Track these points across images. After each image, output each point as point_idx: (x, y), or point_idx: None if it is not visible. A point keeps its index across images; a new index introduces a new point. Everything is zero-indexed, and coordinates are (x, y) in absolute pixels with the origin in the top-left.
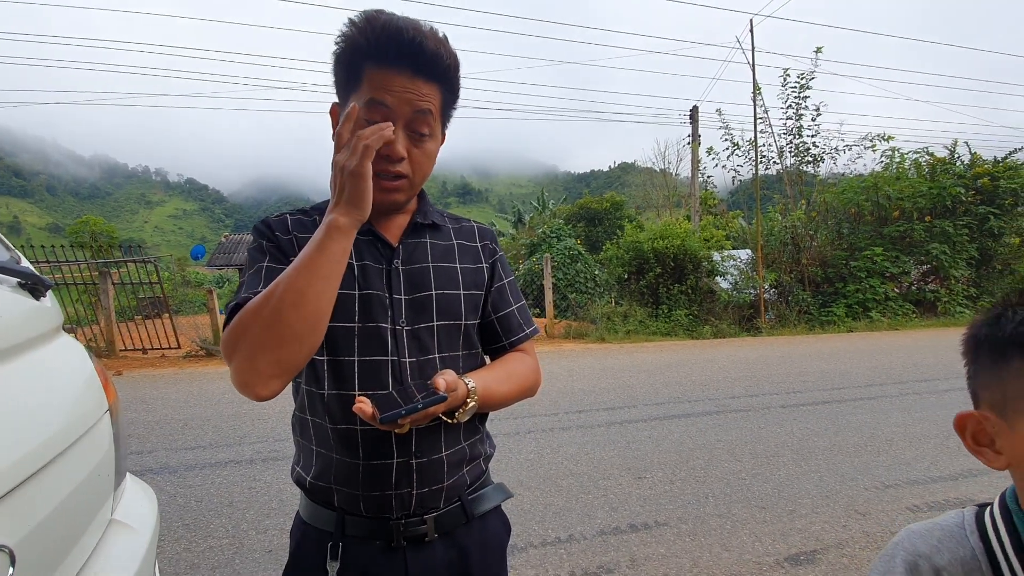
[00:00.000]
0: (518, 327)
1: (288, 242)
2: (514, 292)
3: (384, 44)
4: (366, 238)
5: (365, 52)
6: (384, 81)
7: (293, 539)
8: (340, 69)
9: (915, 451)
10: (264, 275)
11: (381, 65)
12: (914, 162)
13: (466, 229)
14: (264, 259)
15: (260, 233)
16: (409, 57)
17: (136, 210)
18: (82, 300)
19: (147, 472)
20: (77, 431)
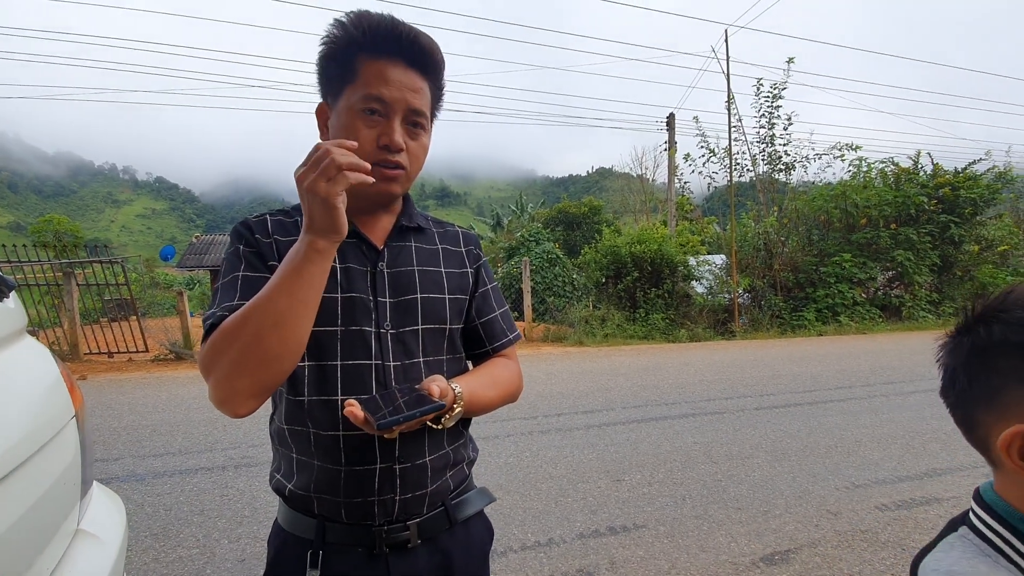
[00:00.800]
0: (501, 332)
1: (268, 245)
2: (497, 298)
3: (381, 36)
4: (350, 240)
5: (360, 44)
6: (382, 72)
7: (271, 547)
8: (332, 64)
9: (882, 452)
10: (240, 286)
11: (377, 56)
12: (880, 172)
13: (451, 234)
14: (240, 267)
15: (238, 236)
16: (406, 49)
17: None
18: (45, 302)
19: (113, 480)
20: (42, 438)
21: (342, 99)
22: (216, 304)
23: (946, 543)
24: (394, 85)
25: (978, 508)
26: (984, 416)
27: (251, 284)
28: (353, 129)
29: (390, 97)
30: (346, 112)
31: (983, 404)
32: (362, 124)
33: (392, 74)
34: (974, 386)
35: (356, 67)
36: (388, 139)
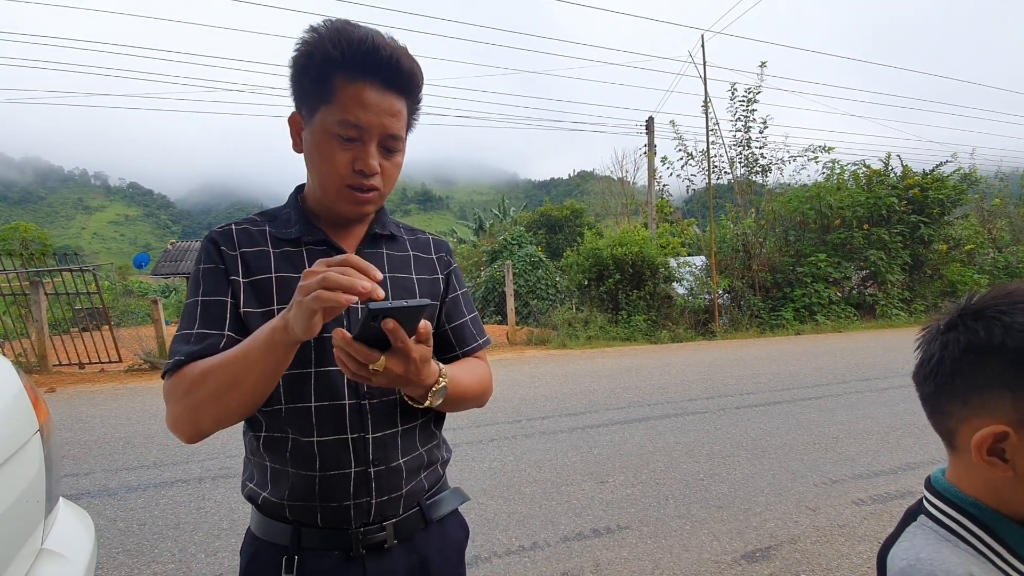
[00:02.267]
0: (472, 337)
1: (232, 259)
2: (467, 303)
3: (361, 59)
4: (320, 248)
5: (339, 64)
6: (359, 96)
7: (244, 556)
8: (306, 79)
9: (859, 447)
10: (200, 313)
11: (355, 78)
12: (852, 173)
13: (421, 241)
14: (199, 290)
15: (202, 252)
16: (385, 72)
17: (73, 216)
18: (10, 312)
19: (84, 495)
20: (2, 454)
21: (317, 117)
22: (180, 330)
23: (908, 533)
24: (371, 110)
25: (932, 496)
26: (959, 409)
27: (208, 310)
28: (328, 152)
29: (367, 123)
30: (321, 132)
31: (961, 398)
32: (338, 147)
33: (370, 98)
34: (957, 379)
35: (333, 87)
36: (363, 164)
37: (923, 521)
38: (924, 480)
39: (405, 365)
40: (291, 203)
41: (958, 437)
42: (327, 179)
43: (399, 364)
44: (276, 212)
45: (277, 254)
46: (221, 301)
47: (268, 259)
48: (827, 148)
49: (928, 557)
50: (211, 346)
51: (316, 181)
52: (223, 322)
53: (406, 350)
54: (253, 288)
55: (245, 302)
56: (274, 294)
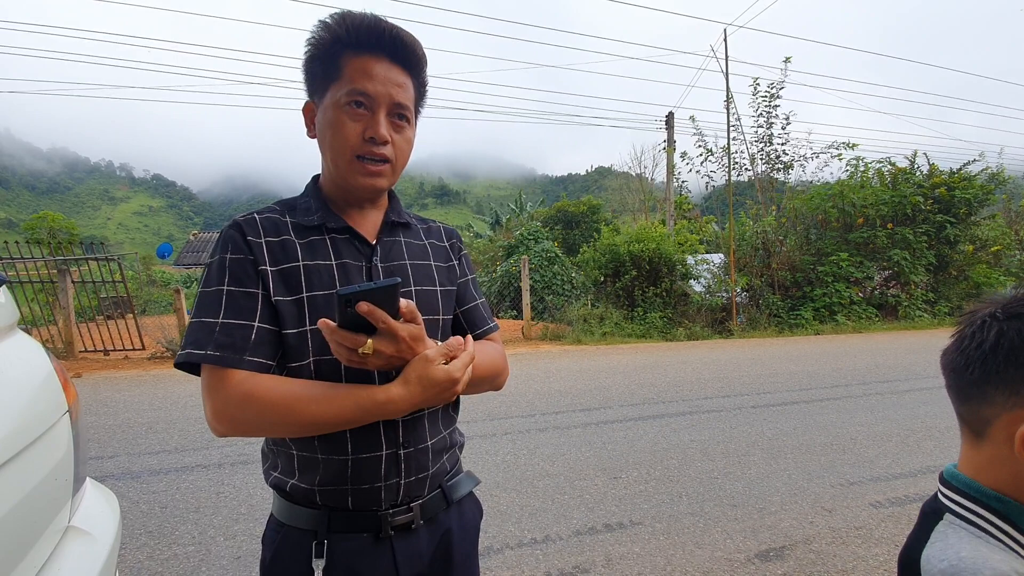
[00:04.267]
0: (482, 320)
1: (259, 247)
2: (476, 288)
3: (365, 33)
4: (343, 236)
5: (345, 42)
6: (366, 67)
7: (270, 546)
8: (316, 64)
9: (878, 449)
10: (225, 303)
11: (361, 53)
12: (877, 171)
13: (434, 230)
14: (224, 279)
15: (226, 242)
16: (389, 46)
17: (98, 206)
18: (38, 299)
19: (108, 478)
20: (32, 433)
21: (327, 96)
22: (199, 316)
23: (939, 533)
24: (378, 80)
25: (949, 491)
26: (1005, 399)
27: (235, 302)
28: (339, 124)
29: (374, 91)
30: (332, 108)
31: (1011, 388)
32: (347, 118)
33: (376, 69)
34: (1011, 369)
35: (340, 64)
36: (374, 131)
37: (950, 520)
38: (938, 475)
39: (395, 345)
40: (309, 191)
41: (992, 426)
42: (339, 151)
43: (388, 345)
44: (294, 202)
45: (302, 244)
46: (251, 293)
47: (294, 248)
48: (851, 145)
49: (970, 556)
50: (243, 339)
51: (329, 158)
52: (253, 313)
53: (391, 330)
54: (282, 276)
55: (275, 291)
56: (303, 282)
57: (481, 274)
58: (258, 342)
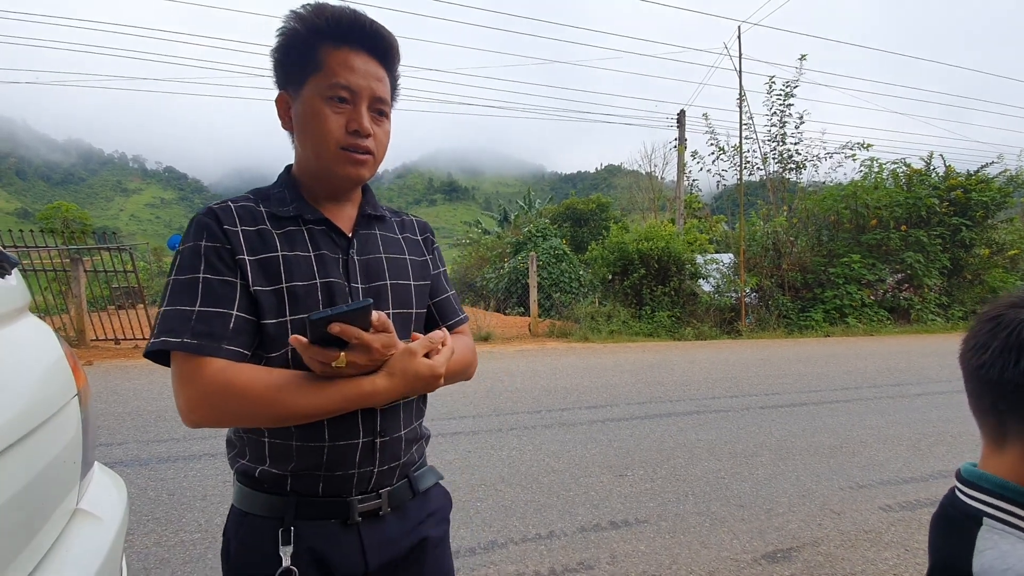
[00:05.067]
0: (453, 312)
1: (235, 235)
2: (448, 281)
3: (346, 26)
4: (320, 228)
5: (325, 33)
6: (347, 61)
7: (235, 537)
8: (293, 54)
9: (888, 452)
10: (202, 291)
11: (341, 45)
12: (892, 172)
13: (408, 223)
14: (200, 266)
15: (201, 228)
16: (369, 40)
17: (112, 197)
18: (51, 288)
19: (117, 464)
20: (42, 414)
21: (306, 88)
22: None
23: (986, 540)
24: (359, 74)
25: (980, 494)
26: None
27: (212, 290)
28: (322, 117)
29: (357, 85)
30: (313, 101)
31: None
32: (330, 111)
33: (357, 63)
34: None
35: (320, 57)
36: (357, 124)
37: (992, 524)
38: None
39: (368, 356)
40: (282, 181)
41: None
42: (322, 144)
43: (362, 356)
44: (267, 191)
45: (280, 234)
46: (228, 281)
47: (272, 238)
48: (866, 145)
49: None
50: (221, 327)
51: (310, 150)
52: (231, 302)
53: (364, 343)
54: (261, 266)
55: (254, 280)
56: (282, 273)
57: (488, 270)
58: (236, 330)
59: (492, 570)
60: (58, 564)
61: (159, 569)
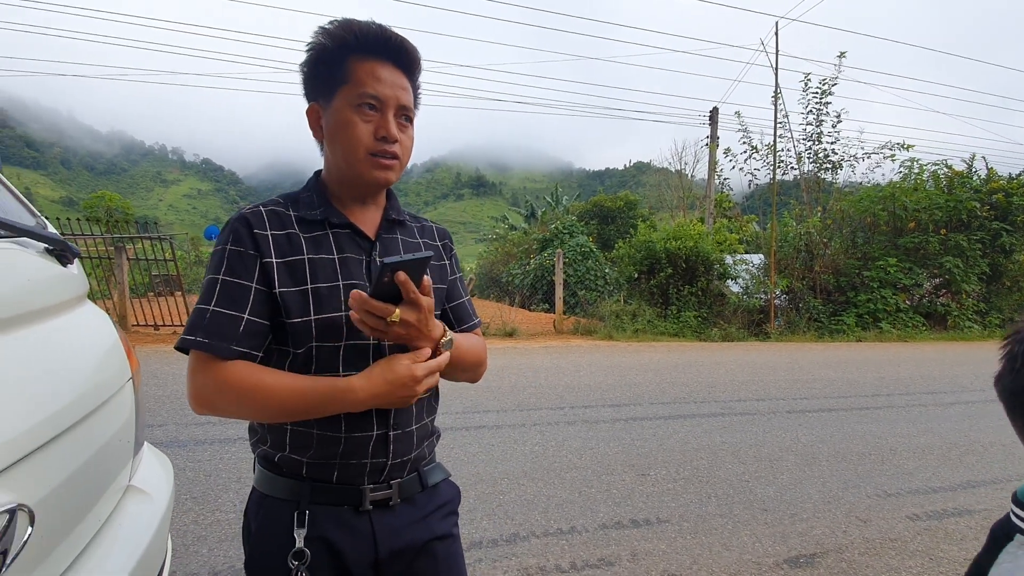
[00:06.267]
0: (467, 316)
1: (264, 238)
2: (463, 286)
3: (372, 40)
4: (345, 231)
5: (352, 47)
6: (375, 72)
7: (255, 517)
8: (322, 67)
9: (918, 461)
10: (218, 292)
11: (368, 58)
12: (932, 174)
13: (427, 229)
14: (221, 269)
15: (229, 233)
16: (395, 52)
17: (151, 188)
18: (95, 274)
19: (158, 445)
20: (100, 396)
21: (337, 99)
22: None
23: (1009, 554)
24: (386, 84)
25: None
26: None
27: (228, 292)
28: (351, 125)
29: (384, 94)
30: (343, 110)
31: None
32: (359, 120)
33: (383, 74)
34: None
35: (349, 69)
36: (385, 131)
37: (1021, 540)
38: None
39: (417, 314)
40: (311, 187)
41: None
42: (352, 151)
43: (412, 313)
44: (296, 195)
45: (307, 238)
46: (243, 285)
47: (299, 241)
48: (905, 146)
49: None
50: (231, 328)
51: (340, 156)
52: (243, 306)
53: (417, 300)
54: (288, 268)
55: (280, 282)
56: (307, 274)
57: (514, 266)
58: (246, 333)
59: (514, 562)
60: (112, 537)
61: (196, 546)
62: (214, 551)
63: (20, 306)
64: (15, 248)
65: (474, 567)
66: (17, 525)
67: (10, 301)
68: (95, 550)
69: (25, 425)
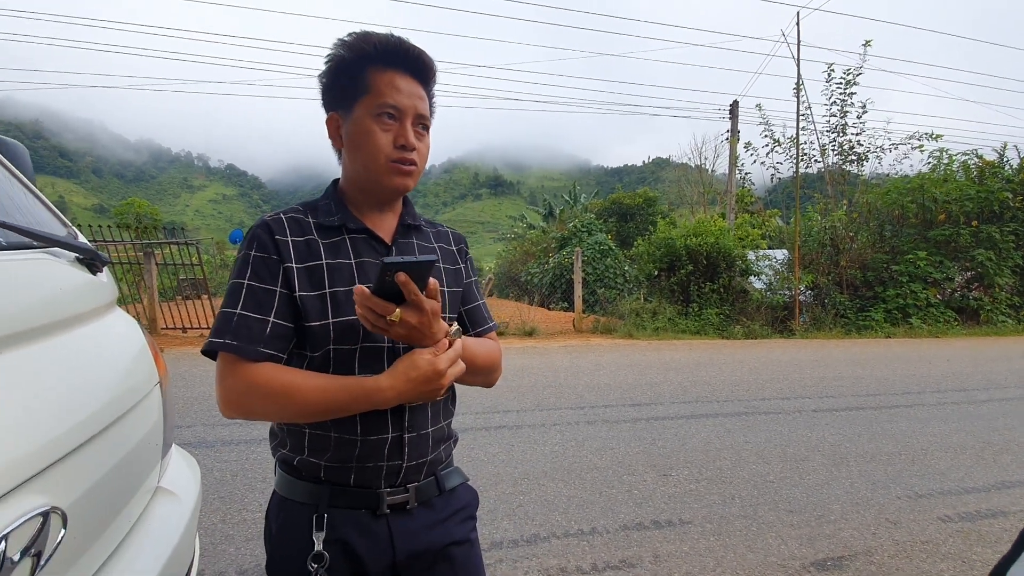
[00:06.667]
0: (483, 320)
1: (285, 244)
2: (479, 290)
3: (392, 51)
4: (362, 236)
5: (371, 58)
6: (393, 83)
7: (275, 520)
8: (342, 78)
9: (950, 461)
10: (244, 296)
11: (387, 69)
12: (962, 164)
13: (443, 234)
14: (246, 274)
15: (253, 239)
16: (412, 63)
17: (178, 194)
18: (126, 279)
19: (185, 446)
20: (130, 401)
21: (357, 109)
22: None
23: None
24: (405, 94)
25: None
26: None
27: (254, 296)
28: (372, 134)
29: (402, 104)
30: (363, 120)
31: None
32: (379, 129)
33: (402, 84)
34: None
35: (369, 80)
36: (404, 139)
37: None
38: None
39: (419, 316)
40: (329, 194)
41: None
42: (373, 159)
43: (413, 315)
44: (315, 203)
45: (325, 243)
46: (269, 289)
47: (318, 247)
48: (934, 136)
49: None
50: (258, 331)
51: (360, 164)
52: (269, 309)
53: (419, 302)
54: (307, 273)
55: (300, 286)
56: (326, 279)
57: (533, 265)
58: (272, 335)
59: (534, 563)
60: (142, 537)
61: (224, 544)
62: (241, 550)
63: (52, 314)
64: (48, 258)
65: (494, 568)
66: (51, 527)
67: (43, 310)
68: (125, 551)
69: (58, 430)
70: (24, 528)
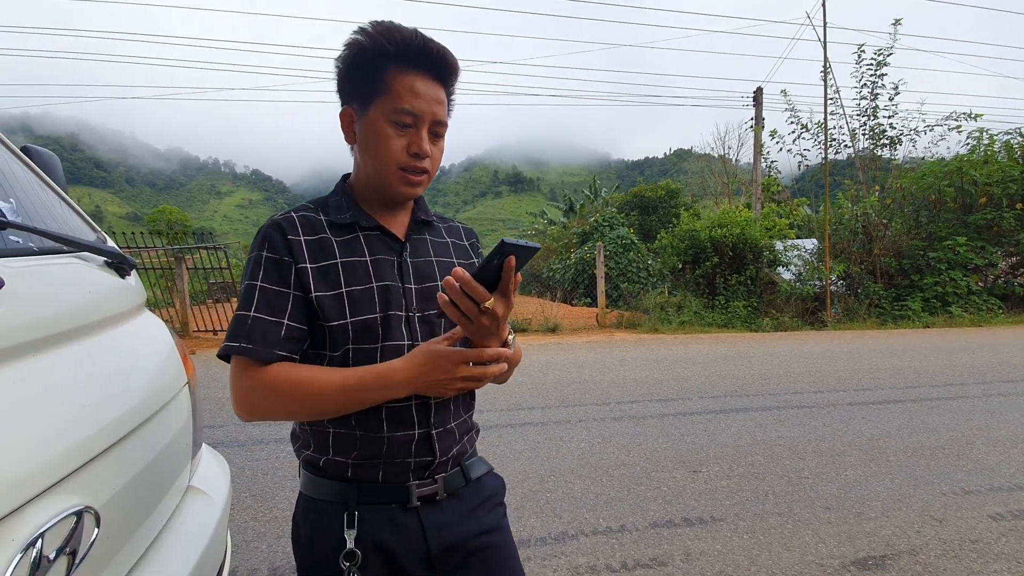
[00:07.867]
0: None
1: (297, 243)
2: None
3: (414, 51)
4: (375, 233)
5: (391, 56)
6: (412, 85)
7: (304, 522)
8: (359, 73)
9: (1000, 456)
10: (257, 298)
11: (407, 69)
12: (1004, 144)
13: (455, 229)
14: (259, 275)
15: (263, 239)
16: (435, 65)
17: (207, 200)
18: (159, 284)
19: (217, 445)
20: (159, 401)
21: (373, 109)
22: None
23: None
24: (423, 99)
25: None
26: None
27: (267, 298)
28: (386, 138)
29: (420, 110)
30: (378, 122)
31: None
32: (393, 133)
33: (421, 87)
34: None
35: (387, 79)
36: (418, 147)
37: None
38: None
39: (505, 307)
40: (339, 190)
41: None
42: (383, 164)
43: (501, 306)
44: (326, 200)
45: (339, 242)
46: (282, 292)
47: (331, 246)
48: (973, 115)
49: None
50: (273, 333)
51: (371, 166)
52: (283, 311)
53: (510, 292)
54: (322, 273)
55: (316, 287)
56: (341, 278)
57: (555, 261)
58: (287, 337)
59: (563, 560)
60: (174, 536)
61: (256, 542)
62: (272, 547)
63: (82, 317)
64: (77, 262)
65: (523, 566)
66: (84, 527)
67: (73, 313)
68: (158, 549)
69: (90, 430)
70: (59, 527)
